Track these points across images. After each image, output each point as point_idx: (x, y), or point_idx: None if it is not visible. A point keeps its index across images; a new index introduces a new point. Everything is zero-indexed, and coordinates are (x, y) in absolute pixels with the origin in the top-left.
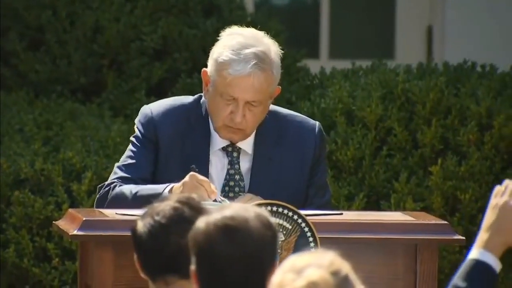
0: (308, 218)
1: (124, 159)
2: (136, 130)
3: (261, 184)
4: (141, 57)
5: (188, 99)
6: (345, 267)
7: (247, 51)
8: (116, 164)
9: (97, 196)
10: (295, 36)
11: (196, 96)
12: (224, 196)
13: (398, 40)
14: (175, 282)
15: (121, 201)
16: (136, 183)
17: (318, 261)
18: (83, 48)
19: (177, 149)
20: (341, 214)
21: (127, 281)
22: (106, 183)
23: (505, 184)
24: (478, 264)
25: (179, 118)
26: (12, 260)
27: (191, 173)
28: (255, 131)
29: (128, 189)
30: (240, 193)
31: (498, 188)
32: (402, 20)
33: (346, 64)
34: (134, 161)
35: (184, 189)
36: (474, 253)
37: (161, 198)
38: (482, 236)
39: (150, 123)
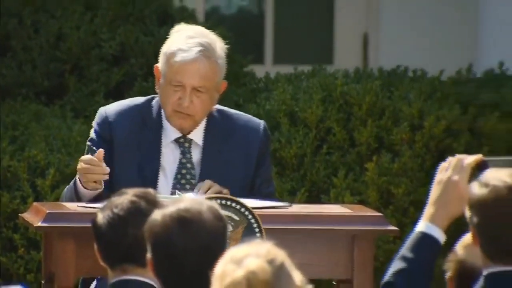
0: (254, 210)
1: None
2: (92, 132)
3: (211, 174)
4: (100, 63)
5: (140, 99)
6: (281, 256)
7: (193, 40)
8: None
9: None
10: (242, 43)
11: (148, 97)
12: (176, 183)
13: (337, 47)
14: (132, 270)
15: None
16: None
17: (255, 251)
18: (47, 54)
19: (132, 145)
20: (290, 205)
21: (88, 269)
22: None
23: (448, 161)
24: (424, 236)
25: (132, 116)
26: None
27: (83, 157)
28: (205, 125)
29: (65, 190)
30: (192, 180)
31: (442, 165)
32: (340, 28)
33: (289, 69)
34: None
35: (80, 176)
36: (421, 226)
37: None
38: (428, 210)
39: (105, 123)
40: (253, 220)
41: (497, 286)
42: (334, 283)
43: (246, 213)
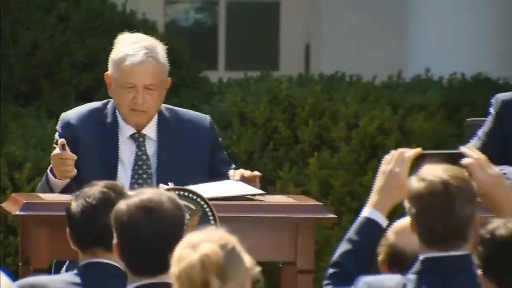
0: (209, 201)
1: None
2: (56, 135)
3: (167, 164)
4: (71, 69)
5: (97, 104)
6: (232, 241)
7: (138, 45)
8: (49, 169)
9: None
10: (198, 51)
11: (104, 101)
12: (134, 173)
13: (282, 55)
14: (101, 253)
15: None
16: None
17: (209, 237)
18: (23, 62)
19: (93, 143)
20: (265, 193)
21: (60, 253)
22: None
23: (391, 154)
24: (369, 221)
25: (91, 118)
26: None
27: (52, 153)
28: (156, 121)
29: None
30: (148, 170)
31: (386, 157)
32: (285, 39)
33: (239, 74)
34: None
35: (55, 169)
36: (366, 212)
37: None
38: (372, 198)
39: (68, 126)
40: (208, 209)
41: (431, 269)
42: (280, 265)
43: (202, 202)
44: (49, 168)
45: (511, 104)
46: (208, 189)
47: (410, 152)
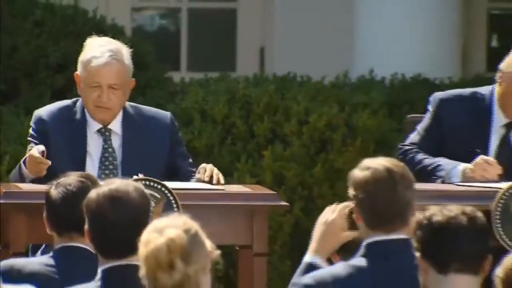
0: (173, 189)
1: (26, 156)
2: (30, 131)
3: (131, 157)
4: (47, 70)
5: (67, 101)
6: (195, 226)
7: (104, 48)
8: (22, 160)
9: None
10: (162, 54)
11: (73, 99)
12: (101, 165)
13: (239, 57)
14: (77, 238)
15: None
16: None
17: (174, 223)
18: (3, 64)
19: (63, 137)
20: (223, 190)
21: (37, 238)
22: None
23: (334, 206)
24: (311, 265)
25: (62, 115)
26: None
27: (30, 154)
28: (121, 117)
29: (12, 173)
30: (114, 161)
31: (328, 208)
32: (241, 42)
33: (200, 75)
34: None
35: (29, 168)
36: (308, 258)
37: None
38: (312, 245)
39: (40, 122)
40: (171, 198)
41: (375, 252)
42: (237, 248)
43: (166, 191)
44: (22, 159)
45: (447, 102)
46: (174, 184)
47: (344, 205)
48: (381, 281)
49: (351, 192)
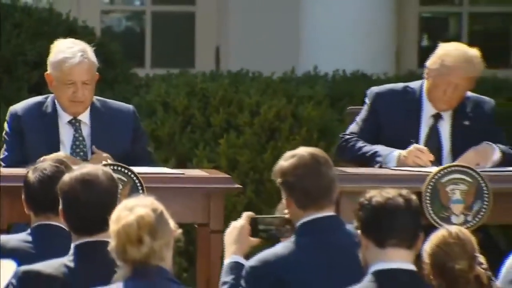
0: (138, 174)
1: (3, 152)
2: (6, 125)
3: (99, 144)
4: (24, 67)
5: (39, 98)
6: (160, 207)
7: (73, 49)
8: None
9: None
10: (128, 52)
11: (45, 95)
12: (73, 152)
13: (197, 55)
14: (52, 217)
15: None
16: (14, 165)
17: (143, 203)
18: None
19: (38, 129)
20: (183, 174)
21: (17, 217)
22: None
23: (245, 215)
24: (235, 263)
25: (35, 109)
26: None
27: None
28: (89, 109)
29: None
30: (84, 149)
31: (234, 222)
32: (199, 41)
33: (163, 71)
34: (7, 153)
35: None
36: (228, 259)
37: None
38: (229, 249)
39: (15, 118)
40: (137, 181)
41: (310, 231)
42: (196, 226)
43: (132, 175)
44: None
45: (382, 95)
46: (139, 168)
47: (245, 215)
48: (321, 255)
49: (279, 181)
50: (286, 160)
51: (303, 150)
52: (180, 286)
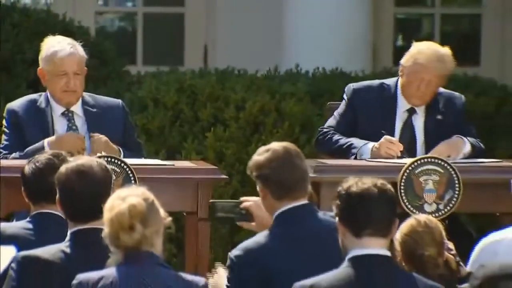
0: (131, 165)
1: (4, 143)
2: (4, 122)
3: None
4: (23, 65)
5: (34, 95)
6: (151, 196)
7: (63, 43)
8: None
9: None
10: (121, 50)
11: (39, 93)
12: None
13: (186, 53)
14: (48, 206)
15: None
16: (6, 156)
17: (135, 192)
18: None
19: (34, 122)
20: (173, 165)
21: (17, 206)
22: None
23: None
24: None
25: (30, 105)
26: None
27: (72, 133)
28: (81, 102)
29: (16, 154)
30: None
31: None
32: (188, 40)
33: (153, 68)
34: (8, 143)
35: (58, 143)
36: None
37: (41, 149)
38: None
39: (12, 114)
40: (129, 172)
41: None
42: (184, 214)
43: (125, 167)
44: (47, 142)
45: (359, 91)
46: (132, 160)
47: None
48: (298, 242)
49: (254, 174)
50: (260, 155)
51: (276, 145)
52: (169, 270)
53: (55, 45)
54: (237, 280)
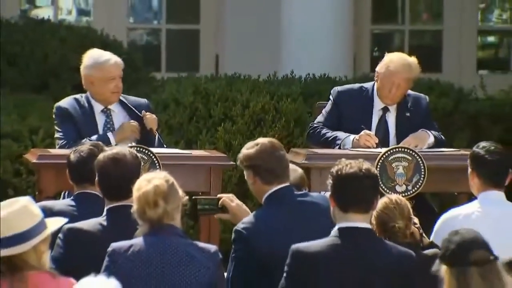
0: (156, 153)
1: (59, 135)
2: (54, 116)
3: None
4: (68, 72)
5: (78, 95)
6: (172, 179)
7: (106, 54)
8: (55, 136)
9: (57, 147)
10: (148, 60)
11: (80, 94)
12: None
13: (201, 62)
14: (89, 187)
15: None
16: (69, 143)
17: (158, 176)
18: (39, 67)
19: (79, 119)
20: (190, 153)
21: (64, 187)
22: (60, 144)
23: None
24: None
25: (74, 104)
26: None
27: (128, 122)
28: (118, 101)
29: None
30: (112, 130)
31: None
32: (202, 51)
33: (174, 75)
34: (62, 134)
35: (122, 131)
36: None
37: (106, 138)
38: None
39: (62, 109)
40: (155, 159)
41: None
42: (200, 193)
43: (151, 155)
44: (109, 133)
45: (342, 93)
46: (156, 149)
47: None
48: (287, 215)
49: (245, 164)
50: (250, 149)
51: (262, 140)
52: (187, 239)
53: (101, 55)
54: (242, 249)
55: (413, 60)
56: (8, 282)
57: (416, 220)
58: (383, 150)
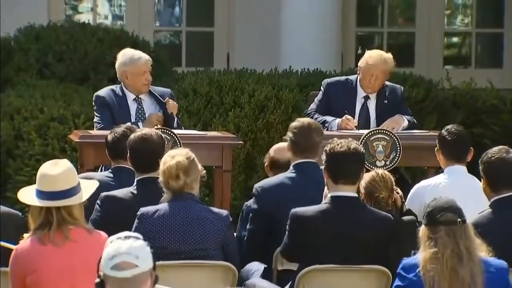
0: (178, 134)
1: (97, 116)
2: (94, 103)
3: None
4: (105, 66)
5: (112, 86)
6: (192, 155)
7: (136, 52)
8: (94, 120)
9: (96, 129)
10: (171, 56)
11: (115, 85)
12: (137, 118)
13: (215, 58)
14: (123, 161)
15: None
16: (105, 125)
17: (180, 153)
18: (80, 62)
19: (114, 106)
20: (206, 134)
21: (102, 161)
22: (98, 127)
23: None
24: None
25: (111, 93)
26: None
27: (156, 113)
28: (148, 91)
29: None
30: (142, 117)
31: None
32: (216, 50)
33: (193, 69)
34: (100, 119)
35: (149, 118)
36: None
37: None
38: None
39: (100, 98)
40: (176, 139)
41: (302, 170)
42: (214, 167)
43: (173, 135)
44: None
45: (331, 84)
46: (178, 131)
47: None
48: (305, 184)
49: (288, 136)
50: (294, 122)
51: (304, 119)
52: (203, 205)
53: (134, 54)
54: (258, 204)
55: (388, 55)
56: (52, 234)
57: (399, 190)
58: (366, 131)
